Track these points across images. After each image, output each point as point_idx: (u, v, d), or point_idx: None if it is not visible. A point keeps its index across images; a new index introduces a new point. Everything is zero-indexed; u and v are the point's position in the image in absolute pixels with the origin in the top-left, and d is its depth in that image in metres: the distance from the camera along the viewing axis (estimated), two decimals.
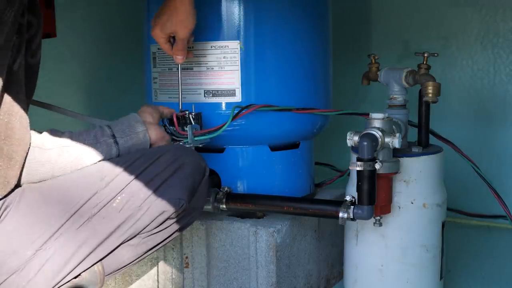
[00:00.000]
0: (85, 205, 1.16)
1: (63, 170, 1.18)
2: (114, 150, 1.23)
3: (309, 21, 1.60)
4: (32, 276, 1.13)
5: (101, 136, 1.23)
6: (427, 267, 1.44)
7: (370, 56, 1.56)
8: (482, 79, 2.14)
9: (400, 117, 1.47)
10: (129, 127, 1.26)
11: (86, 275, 1.17)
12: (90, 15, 2.15)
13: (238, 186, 1.60)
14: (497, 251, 1.92)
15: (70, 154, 1.18)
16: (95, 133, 1.23)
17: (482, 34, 2.13)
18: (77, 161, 1.19)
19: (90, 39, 2.16)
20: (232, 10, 1.52)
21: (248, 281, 1.50)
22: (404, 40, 2.23)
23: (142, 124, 1.27)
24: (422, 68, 1.48)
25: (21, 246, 1.12)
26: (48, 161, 1.17)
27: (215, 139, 1.47)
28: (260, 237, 1.47)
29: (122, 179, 1.19)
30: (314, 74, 1.63)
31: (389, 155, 1.35)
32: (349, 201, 1.35)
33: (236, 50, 1.52)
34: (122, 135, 1.24)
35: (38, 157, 1.16)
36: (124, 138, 1.24)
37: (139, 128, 1.27)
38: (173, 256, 1.57)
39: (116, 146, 1.23)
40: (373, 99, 2.10)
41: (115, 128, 1.25)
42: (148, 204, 1.19)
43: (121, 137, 1.24)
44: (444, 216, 1.46)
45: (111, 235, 1.18)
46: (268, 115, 1.54)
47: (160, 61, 1.58)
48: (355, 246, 1.47)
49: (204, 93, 1.54)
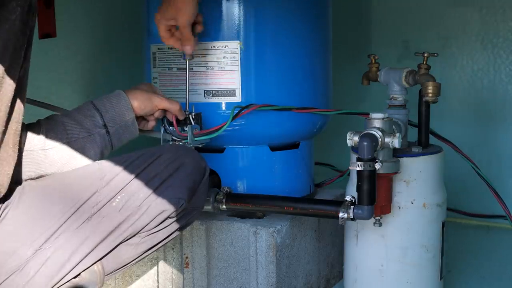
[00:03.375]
0: (84, 205, 1.16)
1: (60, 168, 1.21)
2: (107, 139, 1.26)
3: (309, 21, 1.60)
4: (32, 276, 1.13)
5: (93, 127, 1.25)
6: (427, 267, 1.44)
7: (370, 56, 1.56)
8: (482, 79, 2.14)
9: (400, 117, 1.47)
10: (119, 115, 1.28)
11: (85, 275, 1.17)
12: (89, 15, 2.14)
13: (238, 186, 1.60)
14: (497, 251, 1.92)
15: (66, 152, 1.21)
16: (86, 124, 1.24)
17: (482, 34, 2.13)
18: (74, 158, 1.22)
19: (90, 39, 2.15)
20: (232, 10, 1.52)
21: (248, 281, 1.50)
22: (404, 40, 2.23)
23: (131, 110, 1.29)
24: (422, 68, 1.48)
25: (21, 246, 1.12)
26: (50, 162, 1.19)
27: (215, 139, 1.47)
28: (260, 237, 1.47)
29: (122, 178, 1.19)
30: (314, 74, 1.63)
31: (389, 155, 1.35)
32: (349, 201, 1.35)
33: (236, 50, 1.52)
34: (113, 124, 1.27)
35: (42, 158, 1.18)
36: (115, 126, 1.27)
37: (128, 115, 1.29)
38: (173, 256, 1.57)
39: (108, 136, 1.26)
40: (373, 99, 2.09)
41: (106, 115, 1.26)
42: (148, 203, 1.19)
43: (112, 126, 1.27)
44: (444, 216, 1.46)
45: (111, 235, 1.18)
46: (268, 115, 1.54)
47: (160, 61, 1.58)
48: (355, 246, 1.47)
49: (204, 93, 1.54)
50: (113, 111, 1.27)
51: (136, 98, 1.31)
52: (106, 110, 1.27)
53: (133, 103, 1.30)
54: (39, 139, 1.18)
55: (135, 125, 1.30)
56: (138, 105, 1.31)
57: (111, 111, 1.27)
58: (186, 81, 1.49)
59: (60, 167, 1.21)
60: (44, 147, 1.18)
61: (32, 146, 1.17)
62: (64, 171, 1.21)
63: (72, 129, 1.22)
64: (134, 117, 1.29)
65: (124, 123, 1.28)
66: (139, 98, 1.32)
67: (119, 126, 1.27)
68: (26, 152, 1.16)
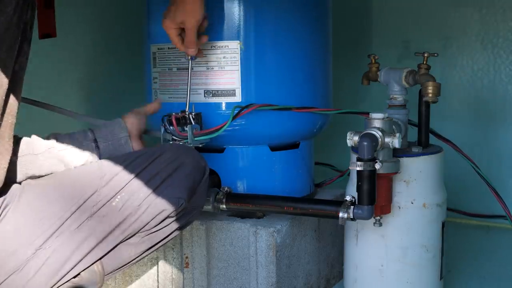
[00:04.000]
0: (84, 204, 1.16)
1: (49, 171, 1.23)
2: (96, 153, 1.27)
3: (309, 21, 1.60)
4: (32, 276, 1.13)
5: (84, 139, 1.27)
6: (427, 267, 1.44)
7: (370, 56, 1.56)
8: (482, 79, 2.14)
9: (400, 117, 1.47)
10: (112, 133, 1.30)
11: (85, 275, 1.17)
12: (89, 14, 2.14)
13: (238, 186, 1.60)
14: (497, 251, 1.92)
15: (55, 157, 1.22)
16: (77, 138, 1.27)
17: (482, 34, 2.13)
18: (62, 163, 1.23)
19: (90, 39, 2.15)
20: (232, 10, 1.52)
21: (248, 281, 1.50)
22: (404, 40, 2.23)
23: (125, 130, 1.31)
24: (422, 68, 1.48)
25: (21, 246, 1.12)
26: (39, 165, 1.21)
27: (215, 139, 1.47)
28: (260, 237, 1.47)
29: (122, 178, 1.19)
30: (314, 74, 1.63)
31: (389, 155, 1.35)
32: (349, 201, 1.35)
33: (236, 50, 1.52)
34: (103, 140, 1.29)
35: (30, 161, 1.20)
36: (105, 143, 1.29)
37: (121, 134, 1.31)
38: (173, 256, 1.57)
39: (97, 150, 1.27)
40: (373, 99, 2.10)
41: (98, 133, 1.30)
42: (148, 203, 1.20)
43: (103, 142, 1.29)
44: (444, 216, 1.46)
45: (111, 234, 1.18)
46: (268, 115, 1.54)
47: (160, 61, 1.58)
48: (355, 246, 1.47)
49: (204, 93, 1.54)
50: (105, 131, 1.31)
51: (131, 123, 1.34)
52: (99, 129, 1.31)
53: (129, 127, 1.32)
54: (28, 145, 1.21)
55: (128, 145, 1.31)
56: (134, 128, 1.33)
57: (103, 130, 1.31)
58: (187, 81, 1.48)
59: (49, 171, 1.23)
60: (34, 152, 1.21)
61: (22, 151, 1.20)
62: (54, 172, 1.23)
63: (62, 139, 1.25)
64: (127, 136, 1.31)
65: (116, 141, 1.30)
66: (133, 122, 1.34)
67: (111, 142, 1.29)
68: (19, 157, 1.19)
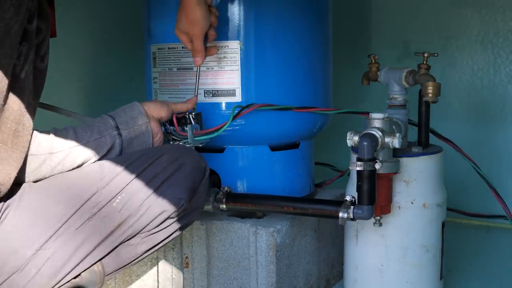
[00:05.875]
0: (85, 205, 1.16)
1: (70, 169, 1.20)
2: (118, 141, 1.24)
3: (309, 21, 1.60)
4: (32, 276, 1.13)
5: (105, 129, 1.24)
6: (427, 267, 1.44)
7: (370, 56, 1.56)
8: (482, 79, 2.14)
9: (400, 117, 1.47)
10: (132, 119, 1.27)
11: (86, 275, 1.17)
12: (90, 15, 2.14)
13: (238, 186, 1.60)
14: (497, 251, 1.92)
15: (77, 154, 1.19)
16: (98, 127, 1.24)
17: (482, 34, 2.13)
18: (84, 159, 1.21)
19: (90, 39, 2.16)
20: (232, 10, 1.52)
21: (248, 281, 1.50)
22: (404, 40, 2.23)
23: (145, 116, 1.29)
24: (422, 68, 1.48)
25: (21, 246, 1.12)
26: (57, 164, 1.18)
27: (215, 139, 1.47)
28: (260, 237, 1.47)
29: (122, 179, 1.19)
30: (314, 74, 1.63)
31: (389, 155, 1.35)
32: (349, 201, 1.35)
33: (236, 50, 1.52)
34: (125, 127, 1.26)
35: (47, 162, 1.17)
36: (128, 129, 1.26)
37: (141, 120, 1.28)
38: (173, 256, 1.57)
39: (119, 138, 1.25)
40: (373, 99, 2.10)
41: (119, 119, 1.26)
42: (148, 203, 1.19)
43: (125, 128, 1.26)
44: (444, 216, 1.46)
45: (111, 235, 1.18)
46: (268, 115, 1.54)
47: (160, 61, 1.58)
48: (355, 246, 1.47)
49: (204, 93, 1.54)
50: (126, 116, 1.27)
51: (149, 106, 1.31)
52: (119, 116, 1.27)
53: (147, 110, 1.30)
54: (46, 143, 1.17)
55: (148, 132, 1.29)
56: (153, 110, 1.31)
57: (124, 116, 1.27)
58: (195, 86, 1.47)
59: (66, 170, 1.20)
60: (52, 151, 1.17)
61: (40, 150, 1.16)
62: None
63: (82, 132, 1.22)
64: (148, 123, 1.28)
65: (137, 127, 1.27)
66: (152, 105, 1.32)
67: (132, 129, 1.26)
68: (32, 156, 1.15)
